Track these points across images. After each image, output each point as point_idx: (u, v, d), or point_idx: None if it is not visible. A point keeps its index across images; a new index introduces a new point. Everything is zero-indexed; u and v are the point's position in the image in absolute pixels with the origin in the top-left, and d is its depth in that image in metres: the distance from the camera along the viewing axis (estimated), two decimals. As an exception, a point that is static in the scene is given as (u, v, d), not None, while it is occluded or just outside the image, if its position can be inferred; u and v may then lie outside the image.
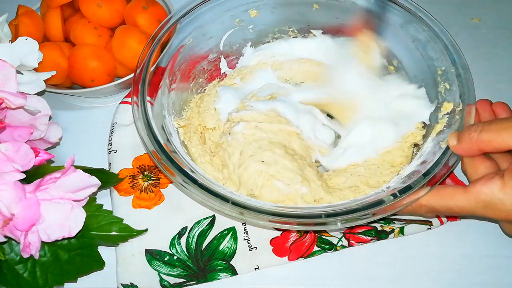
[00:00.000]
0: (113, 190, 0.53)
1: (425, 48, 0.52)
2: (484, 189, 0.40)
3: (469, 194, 0.41)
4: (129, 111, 0.57)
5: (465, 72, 0.49)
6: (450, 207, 0.42)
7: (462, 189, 0.42)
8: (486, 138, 0.41)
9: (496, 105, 0.48)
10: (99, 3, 0.59)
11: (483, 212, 0.41)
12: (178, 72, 0.55)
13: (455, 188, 0.42)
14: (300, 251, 0.49)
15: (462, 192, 0.42)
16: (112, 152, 0.55)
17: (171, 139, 0.49)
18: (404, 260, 0.49)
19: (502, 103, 0.48)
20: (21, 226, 0.42)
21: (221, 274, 0.48)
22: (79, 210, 0.44)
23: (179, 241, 0.50)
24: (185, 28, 0.54)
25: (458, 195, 0.42)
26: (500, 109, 0.47)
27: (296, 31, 0.60)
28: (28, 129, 0.47)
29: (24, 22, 0.58)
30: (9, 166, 0.42)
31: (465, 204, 0.41)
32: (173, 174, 0.45)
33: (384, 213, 0.43)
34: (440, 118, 0.49)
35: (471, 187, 0.41)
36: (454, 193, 0.42)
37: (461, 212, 0.42)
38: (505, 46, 0.66)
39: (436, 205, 0.43)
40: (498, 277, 0.48)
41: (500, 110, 0.47)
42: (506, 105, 0.48)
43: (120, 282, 0.48)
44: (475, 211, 0.41)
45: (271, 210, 0.43)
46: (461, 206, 0.42)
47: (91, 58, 0.58)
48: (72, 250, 0.46)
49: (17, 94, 0.46)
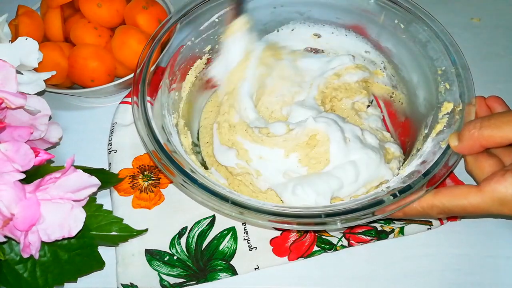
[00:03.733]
0: (113, 190, 0.53)
1: (425, 48, 0.52)
2: (498, 186, 0.40)
3: (484, 192, 0.41)
4: (129, 111, 0.57)
5: (465, 72, 0.49)
6: (464, 207, 0.42)
7: (475, 188, 0.41)
8: (487, 133, 0.41)
9: (490, 99, 0.48)
10: (99, 3, 0.59)
11: (499, 209, 0.41)
12: (178, 72, 0.55)
13: (468, 187, 0.42)
14: (300, 251, 0.49)
15: (476, 191, 0.41)
16: (112, 152, 0.55)
17: (171, 139, 0.49)
18: (404, 260, 0.49)
19: (496, 97, 0.48)
20: (21, 226, 0.42)
21: (221, 274, 0.48)
22: (79, 210, 0.44)
23: (179, 241, 0.50)
24: (185, 28, 0.54)
25: (472, 194, 0.41)
26: (494, 103, 0.47)
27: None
28: (28, 129, 0.47)
29: (24, 22, 0.58)
30: (9, 166, 0.42)
31: (480, 203, 0.41)
32: (173, 174, 0.44)
33: (384, 213, 0.43)
34: (440, 118, 0.49)
35: (484, 185, 0.41)
36: (468, 193, 0.42)
37: (475, 211, 0.42)
38: (505, 46, 0.66)
39: (450, 205, 0.42)
40: (498, 277, 0.48)
41: (495, 104, 0.47)
42: (500, 99, 0.48)
43: (120, 282, 0.48)
44: (491, 209, 0.41)
45: (271, 210, 0.43)
46: (476, 205, 0.41)
47: (91, 58, 0.58)
48: (72, 250, 0.46)
49: (17, 94, 0.46)
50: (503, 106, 0.47)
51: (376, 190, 0.47)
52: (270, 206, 0.44)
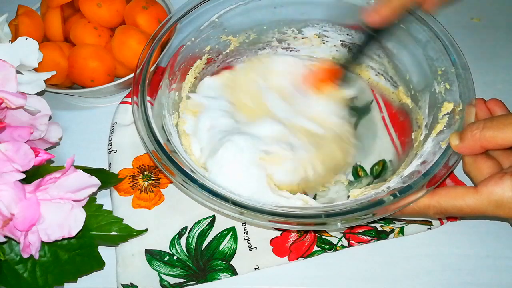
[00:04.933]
0: (113, 190, 0.53)
1: (425, 48, 0.52)
2: (496, 188, 0.40)
3: (481, 194, 0.41)
4: (129, 111, 0.57)
5: (465, 72, 0.49)
6: (461, 208, 0.42)
7: (473, 189, 0.41)
8: (489, 135, 0.41)
9: (490, 102, 0.48)
10: (99, 3, 0.59)
11: (495, 211, 0.41)
12: (178, 72, 0.55)
13: (465, 188, 0.42)
14: (300, 251, 0.49)
15: (473, 192, 0.41)
16: (112, 152, 0.55)
17: (171, 139, 0.49)
18: (404, 260, 0.49)
19: (496, 100, 0.48)
20: (21, 226, 0.42)
21: (221, 274, 0.48)
22: (79, 210, 0.44)
23: (179, 241, 0.50)
24: (185, 28, 0.54)
25: (469, 195, 0.41)
26: (495, 106, 0.48)
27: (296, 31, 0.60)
28: (28, 129, 0.47)
29: (24, 22, 0.58)
30: (9, 166, 0.42)
31: (477, 204, 0.41)
32: (173, 174, 0.45)
33: (384, 213, 0.43)
34: (440, 118, 0.49)
35: (482, 187, 0.41)
36: (465, 194, 0.42)
37: (471, 212, 0.42)
38: (505, 46, 0.66)
39: (446, 206, 0.42)
40: (498, 277, 0.48)
41: (495, 107, 0.48)
42: (500, 102, 0.48)
43: (120, 282, 0.48)
44: (487, 211, 0.41)
45: (271, 210, 0.43)
46: (472, 207, 0.41)
47: (91, 58, 0.58)
48: (72, 250, 0.46)
49: (17, 94, 0.46)
50: (503, 109, 0.48)
51: (376, 190, 0.47)
52: (270, 206, 0.44)
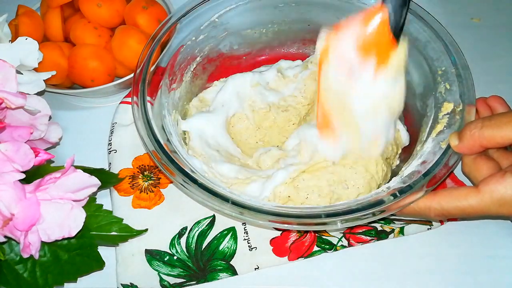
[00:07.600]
0: (113, 190, 0.53)
1: (425, 48, 0.52)
2: (498, 186, 0.40)
3: (483, 193, 0.40)
4: (129, 111, 0.57)
5: (465, 72, 0.49)
6: (463, 208, 0.41)
7: (474, 189, 0.41)
8: (488, 133, 0.41)
9: (491, 99, 0.48)
10: (99, 3, 0.59)
11: (498, 210, 0.41)
12: (178, 72, 0.55)
13: (466, 188, 0.42)
14: (300, 251, 0.49)
15: (475, 192, 0.41)
16: (112, 152, 0.55)
17: (171, 139, 0.49)
18: (404, 260, 0.49)
19: (497, 97, 0.48)
20: (21, 226, 0.42)
21: (221, 274, 0.48)
22: (79, 210, 0.44)
23: (179, 241, 0.50)
24: (185, 28, 0.54)
25: (471, 195, 0.41)
26: (495, 103, 0.48)
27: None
28: (28, 129, 0.47)
29: (24, 22, 0.58)
30: (9, 166, 0.42)
31: (479, 204, 0.41)
32: (173, 174, 0.45)
33: (384, 213, 0.43)
34: (440, 118, 0.49)
35: (483, 186, 0.41)
36: (467, 194, 0.41)
37: (474, 212, 0.41)
38: (505, 46, 0.66)
39: (448, 207, 0.42)
40: (498, 277, 0.48)
41: (496, 104, 0.48)
42: (501, 98, 0.48)
43: (120, 282, 0.48)
44: (490, 210, 0.41)
45: (271, 210, 0.43)
46: (475, 207, 0.41)
47: (91, 58, 0.58)
48: (72, 250, 0.46)
49: (17, 94, 0.46)
50: (504, 106, 0.47)
51: (377, 190, 0.47)
52: (270, 206, 0.44)
